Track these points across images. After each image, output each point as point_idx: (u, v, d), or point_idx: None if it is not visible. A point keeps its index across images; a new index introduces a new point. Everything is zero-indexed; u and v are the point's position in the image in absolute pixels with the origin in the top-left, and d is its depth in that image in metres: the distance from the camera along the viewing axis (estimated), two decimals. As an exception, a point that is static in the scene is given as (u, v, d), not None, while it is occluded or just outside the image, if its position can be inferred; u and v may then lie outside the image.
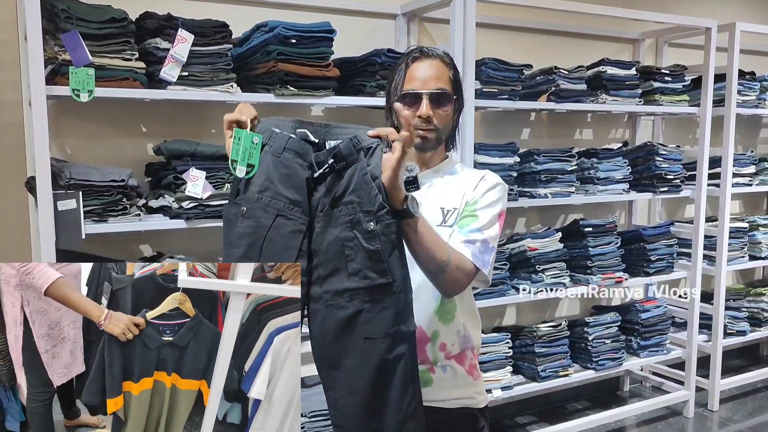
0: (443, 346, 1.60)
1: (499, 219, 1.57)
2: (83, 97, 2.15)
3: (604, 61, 3.33)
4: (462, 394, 1.62)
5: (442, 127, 1.58)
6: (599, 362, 3.47)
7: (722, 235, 3.77)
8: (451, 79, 1.58)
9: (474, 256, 1.48)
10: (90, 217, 2.23)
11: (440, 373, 1.60)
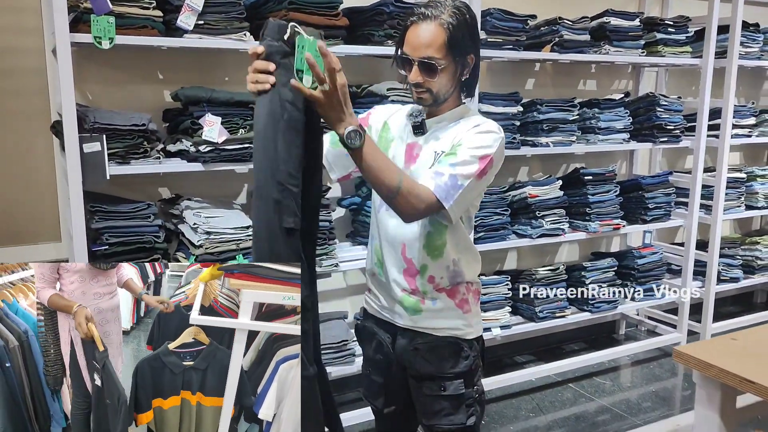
0: (431, 279, 1.70)
1: (481, 161, 1.57)
2: (104, 45, 2.26)
3: (608, 12, 3.38)
4: (450, 324, 1.72)
5: (435, 90, 1.61)
6: (595, 305, 3.63)
7: (719, 185, 3.88)
8: (445, 44, 1.57)
9: (437, 187, 1.53)
10: (113, 159, 2.36)
11: (429, 304, 1.71)
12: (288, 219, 1.37)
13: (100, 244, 2.37)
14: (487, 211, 3.22)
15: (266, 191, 1.37)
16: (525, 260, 3.88)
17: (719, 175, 3.87)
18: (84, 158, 2.27)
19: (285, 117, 1.36)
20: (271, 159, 1.36)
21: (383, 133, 1.76)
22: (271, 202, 1.37)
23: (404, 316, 1.74)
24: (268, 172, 1.37)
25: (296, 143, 1.37)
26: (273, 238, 1.38)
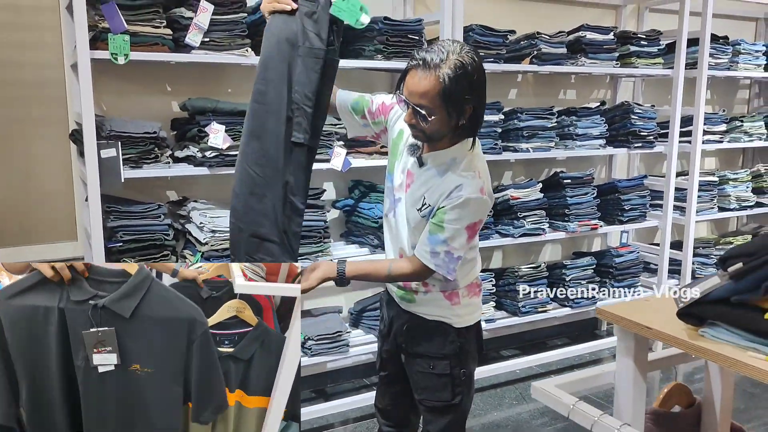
0: (425, 284, 1.86)
1: (468, 229, 1.71)
2: (120, 60, 2.50)
3: (583, 27, 3.64)
4: (439, 312, 1.88)
5: (428, 132, 1.67)
6: (575, 301, 3.86)
7: (692, 188, 4.12)
8: (439, 95, 1.60)
9: (438, 266, 1.72)
10: (127, 164, 2.60)
11: (421, 295, 1.89)
12: (298, 135, 1.61)
13: (115, 242, 2.60)
14: (472, 212, 3.45)
15: (277, 106, 1.59)
16: (510, 259, 4.12)
17: (692, 179, 4.11)
18: (101, 163, 2.51)
19: (306, 44, 1.58)
20: (287, 79, 1.58)
21: (397, 140, 1.88)
22: (282, 117, 1.60)
23: (403, 301, 1.94)
24: (282, 90, 1.58)
25: (315, 69, 1.60)
26: (279, 153, 1.62)
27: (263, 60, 1.65)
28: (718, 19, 4.19)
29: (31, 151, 2.88)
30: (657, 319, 1.59)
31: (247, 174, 1.68)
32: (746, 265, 1.35)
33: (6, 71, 2.79)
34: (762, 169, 4.63)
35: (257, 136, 1.67)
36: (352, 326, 3.42)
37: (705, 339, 1.46)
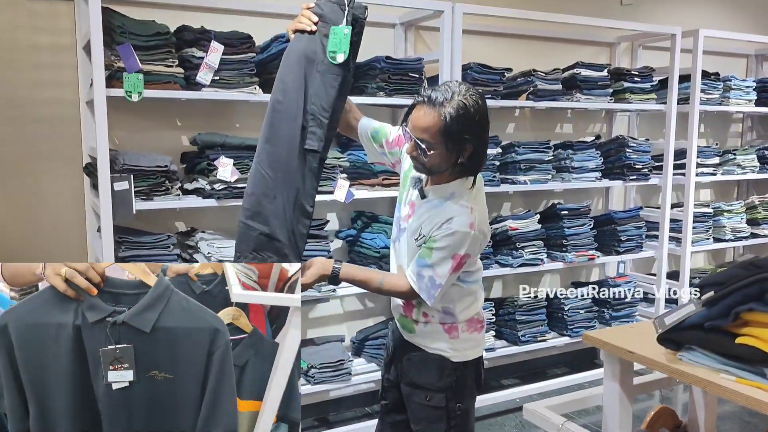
0: (425, 315, 1.92)
1: (453, 259, 1.77)
2: (134, 98, 2.63)
3: (578, 64, 3.78)
4: (437, 345, 1.93)
5: (428, 166, 1.78)
6: (574, 330, 3.93)
7: (687, 219, 4.22)
8: (440, 131, 1.69)
9: (420, 289, 1.81)
10: (139, 196, 2.71)
11: (422, 327, 1.94)
12: (312, 143, 1.74)
13: (126, 271, 2.70)
14: (471, 243, 3.55)
15: (293, 115, 1.74)
16: (509, 289, 4.19)
17: (686, 210, 4.21)
18: (114, 195, 2.62)
19: (326, 61, 1.74)
20: (304, 91, 1.73)
21: (408, 172, 1.96)
22: (297, 125, 1.73)
23: (404, 331, 2.00)
24: (299, 100, 1.73)
25: (333, 84, 1.76)
26: (292, 157, 1.74)
27: (282, 73, 1.80)
28: (709, 56, 4.34)
29: (45, 184, 3.00)
30: (639, 343, 1.68)
31: (261, 175, 1.79)
32: (717, 293, 1.44)
33: (25, 109, 2.93)
34: (756, 200, 4.72)
35: (272, 141, 1.78)
36: (355, 355, 3.50)
37: (682, 362, 1.55)
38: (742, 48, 4.93)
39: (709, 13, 4.80)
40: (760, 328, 1.43)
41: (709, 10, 4.82)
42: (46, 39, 2.93)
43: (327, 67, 1.75)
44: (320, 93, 1.75)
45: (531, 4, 3.95)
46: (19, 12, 2.88)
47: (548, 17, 3.71)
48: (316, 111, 1.74)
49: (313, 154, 1.78)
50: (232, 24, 3.00)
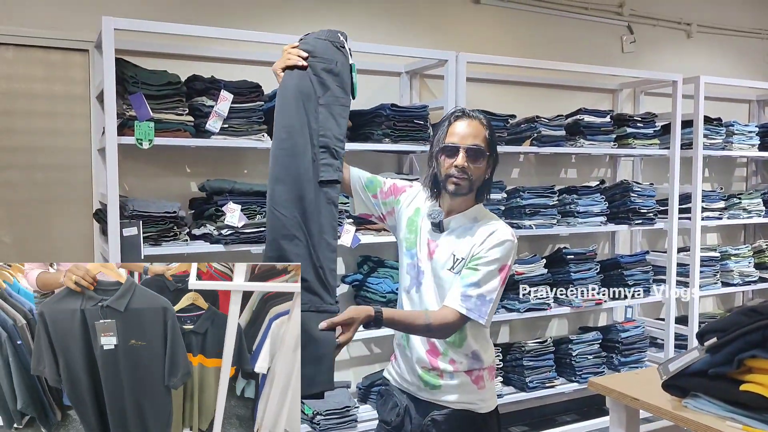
0: (452, 362, 1.84)
1: (501, 272, 1.76)
2: (145, 145, 2.69)
3: (581, 110, 3.84)
4: (466, 399, 1.84)
5: (475, 178, 1.80)
6: (582, 376, 3.89)
7: (694, 263, 4.21)
8: (486, 138, 1.80)
9: (469, 311, 1.73)
10: (147, 242, 2.74)
11: (448, 379, 1.84)
12: (330, 174, 1.71)
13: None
14: (477, 288, 3.55)
15: (302, 150, 1.69)
16: (516, 334, 4.17)
17: (693, 254, 4.20)
18: (123, 241, 2.65)
19: (329, 95, 1.71)
20: (308, 127, 1.69)
21: (414, 217, 1.94)
22: (308, 160, 1.69)
23: (423, 390, 1.87)
24: (305, 136, 1.69)
25: (343, 115, 1.74)
26: (306, 193, 1.68)
27: (281, 111, 1.74)
28: (711, 101, 4.41)
29: (56, 229, 3.04)
30: (645, 390, 1.67)
31: (275, 217, 1.72)
32: (720, 339, 1.44)
33: (39, 156, 3.00)
34: (763, 244, 4.71)
35: (283, 180, 1.71)
36: (360, 401, 3.46)
37: (688, 409, 1.54)
38: (743, 94, 5.00)
39: (710, 60, 4.89)
40: (764, 375, 1.42)
41: (710, 56, 4.91)
42: (60, 88, 3.02)
43: (333, 100, 1.73)
44: (330, 125, 1.72)
45: (533, 52, 4.04)
46: (36, 63, 2.98)
47: (550, 65, 3.80)
48: (329, 143, 1.70)
49: (331, 185, 1.72)
50: (242, 73, 3.09)
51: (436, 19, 3.85)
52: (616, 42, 4.47)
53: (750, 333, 1.43)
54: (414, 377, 1.89)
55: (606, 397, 1.86)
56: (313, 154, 1.70)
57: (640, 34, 4.52)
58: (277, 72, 1.75)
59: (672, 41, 4.73)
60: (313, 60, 1.75)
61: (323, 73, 1.75)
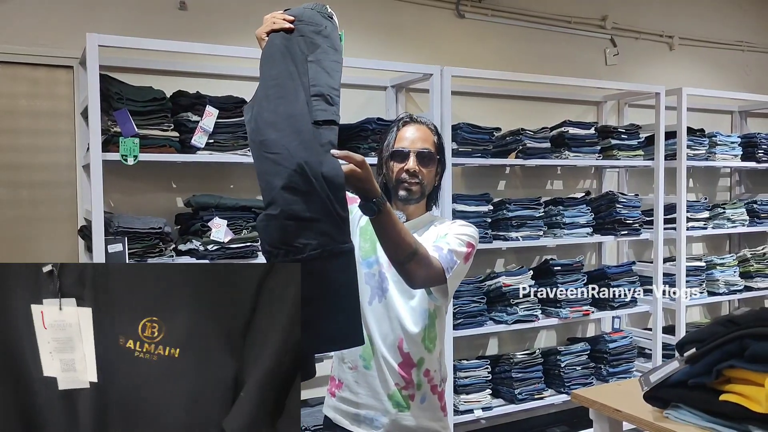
0: (427, 372, 1.74)
1: (468, 246, 1.68)
2: (130, 161, 2.69)
3: (566, 123, 3.87)
4: (430, 425, 1.77)
5: (426, 182, 1.76)
6: (571, 387, 3.89)
7: (680, 273, 4.24)
8: (435, 143, 1.78)
9: (441, 257, 1.60)
10: (133, 258, 2.74)
11: (418, 401, 1.74)
12: (327, 114, 1.42)
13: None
14: (465, 300, 3.56)
15: (292, 97, 1.43)
16: (505, 346, 4.17)
17: (679, 264, 4.23)
18: (108, 257, 2.65)
19: (320, 51, 1.50)
20: (299, 79, 1.46)
21: (367, 226, 1.73)
22: (303, 103, 1.43)
23: (380, 424, 1.74)
24: (297, 83, 1.45)
25: (337, 69, 1.49)
26: (303, 129, 1.40)
27: (267, 64, 1.52)
28: (694, 113, 4.46)
29: (41, 246, 3.03)
30: (628, 402, 1.68)
31: (270, 160, 1.41)
32: (698, 350, 1.45)
33: (23, 173, 2.99)
34: (748, 254, 4.75)
35: (273, 124, 1.44)
36: None
37: (669, 420, 1.54)
38: (726, 105, 5.06)
39: (692, 72, 4.95)
40: (742, 384, 1.43)
41: (692, 68, 4.97)
42: (45, 105, 3.02)
43: (324, 56, 1.52)
44: (321, 77, 1.48)
45: (518, 65, 4.08)
46: (20, 79, 2.98)
47: (535, 78, 3.83)
48: (322, 90, 1.45)
49: (328, 126, 1.44)
50: (227, 89, 3.10)
51: (421, 33, 3.88)
52: (600, 55, 4.52)
53: (727, 343, 1.44)
54: (377, 401, 1.74)
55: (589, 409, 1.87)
56: (306, 101, 1.46)
57: (623, 47, 4.57)
58: (261, 37, 1.56)
59: (655, 54, 4.79)
60: (299, 23, 1.58)
61: (312, 34, 1.56)
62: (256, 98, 1.51)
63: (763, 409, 1.40)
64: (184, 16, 3.24)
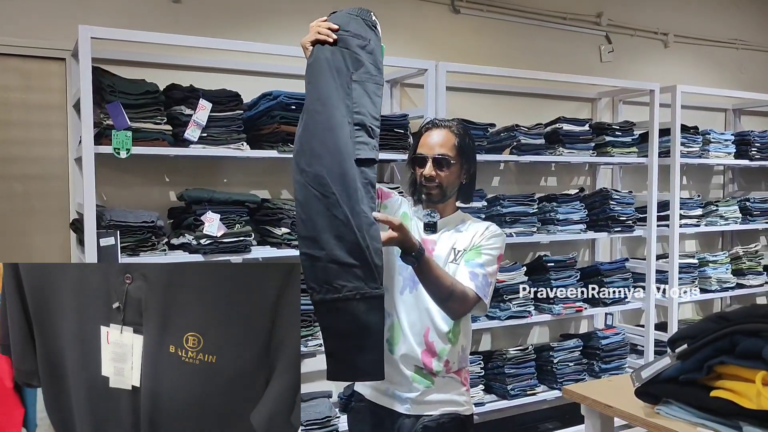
0: (447, 363, 1.85)
1: (498, 260, 1.88)
2: (122, 155, 2.67)
3: (560, 119, 3.87)
4: (455, 399, 1.88)
5: (445, 184, 1.86)
6: (563, 383, 3.90)
7: (672, 270, 4.25)
8: (455, 146, 1.86)
9: (477, 288, 1.78)
10: (125, 252, 2.72)
11: (440, 380, 1.86)
12: (368, 152, 1.58)
13: (110, 327, 2.69)
14: (458, 296, 3.55)
15: (339, 125, 1.55)
16: (498, 342, 4.18)
17: (672, 261, 4.24)
18: (100, 251, 2.63)
19: (362, 71, 1.61)
20: (345, 103, 1.58)
21: (404, 218, 1.88)
22: (347, 135, 1.56)
23: (409, 396, 1.85)
24: (343, 110, 1.56)
25: (378, 93, 1.63)
26: (345, 169, 1.54)
27: (314, 82, 1.62)
28: (688, 110, 4.46)
29: (32, 240, 3.01)
30: (619, 397, 1.68)
31: (316, 198, 1.58)
32: (690, 346, 1.46)
33: (14, 166, 2.97)
34: (740, 251, 4.77)
35: (320, 155, 1.58)
36: (342, 411, 3.43)
37: (660, 416, 1.55)
38: (720, 102, 5.07)
39: (686, 69, 4.96)
40: (732, 381, 1.44)
41: (687, 66, 4.98)
42: (37, 97, 3.00)
43: (367, 77, 1.62)
44: (365, 102, 1.59)
45: (513, 61, 4.08)
46: (12, 71, 2.95)
47: (530, 74, 3.83)
48: (365, 120, 1.58)
49: (369, 164, 1.59)
50: (221, 82, 3.08)
51: (416, 28, 3.87)
52: (595, 51, 4.52)
53: (718, 339, 1.45)
54: (401, 377, 1.85)
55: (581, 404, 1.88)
56: (350, 132, 1.57)
57: (618, 44, 4.57)
58: (305, 46, 1.65)
59: (649, 51, 4.79)
60: (345, 34, 1.64)
61: (357, 48, 1.64)
62: (305, 110, 1.64)
63: (754, 405, 1.41)
64: (177, 8, 3.22)
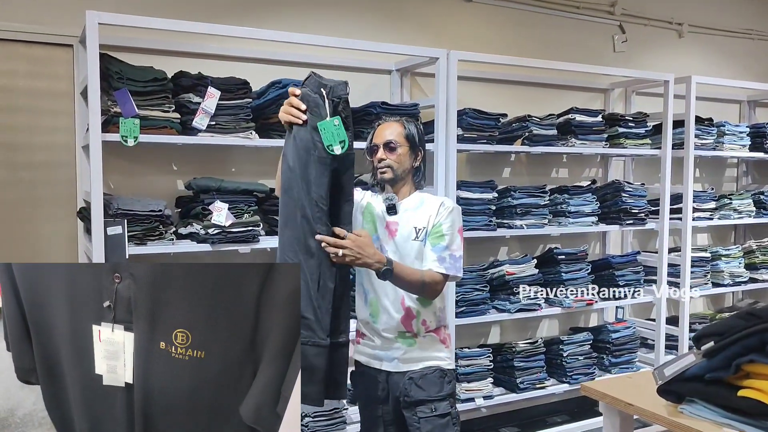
0: (424, 322, 2.15)
1: (459, 233, 2.14)
2: (130, 143, 2.63)
3: (573, 110, 3.81)
4: (435, 354, 2.16)
5: (396, 166, 2.13)
6: (573, 377, 3.86)
7: (685, 264, 4.19)
8: (403, 134, 2.15)
9: (447, 269, 2.07)
10: (132, 241, 2.69)
11: (422, 339, 2.15)
12: (321, 227, 1.82)
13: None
14: (468, 287, 3.52)
15: (300, 201, 1.82)
16: (507, 335, 4.14)
17: (684, 255, 4.18)
18: (107, 240, 2.60)
19: (315, 153, 1.82)
20: (307, 182, 1.81)
21: (368, 208, 2.21)
22: (307, 211, 1.81)
23: (395, 357, 2.14)
24: (303, 187, 1.81)
25: (324, 173, 1.82)
26: (308, 241, 1.82)
27: (290, 161, 1.85)
28: (702, 102, 4.39)
29: (40, 228, 2.98)
30: (639, 395, 1.64)
31: (285, 261, 1.87)
32: (717, 344, 1.41)
33: (22, 154, 2.93)
34: (754, 245, 4.71)
35: (289, 226, 1.87)
36: (350, 403, 3.42)
37: (684, 415, 1.51)
38: (734, 94, 4.99)
39: (701, 60, 4.88)
40: (761, 380, 1.39)
41: (701, 56, 4.89)
42: (44, 84, 2.96)
43: (317, 158, 1.82)
44: (318, 181, 1.82)
45: (525, 51, 4.01)
46: (19, 58, 2.91)
47: (542, 64, 3.77)
48: (317, 199, 1.82)
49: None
50: (230, 70, 3.03)
51: (428, 16, 3.81)
52: (608, 41, 4.45)
53: (748, 337, 1.40)
54: (387, 343, 2.15)
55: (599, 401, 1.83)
56: (311, 207, 1.84)
57: (631, 34, 4.50)
58: (282, 120, 1.88)
59: (663, 41, 4.71)
60: (309, 115, 1.83)
61: (313, 131, 1.83)
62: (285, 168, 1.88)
63: (784, 406, 1.36)
64: (186, -6, 3.17)
